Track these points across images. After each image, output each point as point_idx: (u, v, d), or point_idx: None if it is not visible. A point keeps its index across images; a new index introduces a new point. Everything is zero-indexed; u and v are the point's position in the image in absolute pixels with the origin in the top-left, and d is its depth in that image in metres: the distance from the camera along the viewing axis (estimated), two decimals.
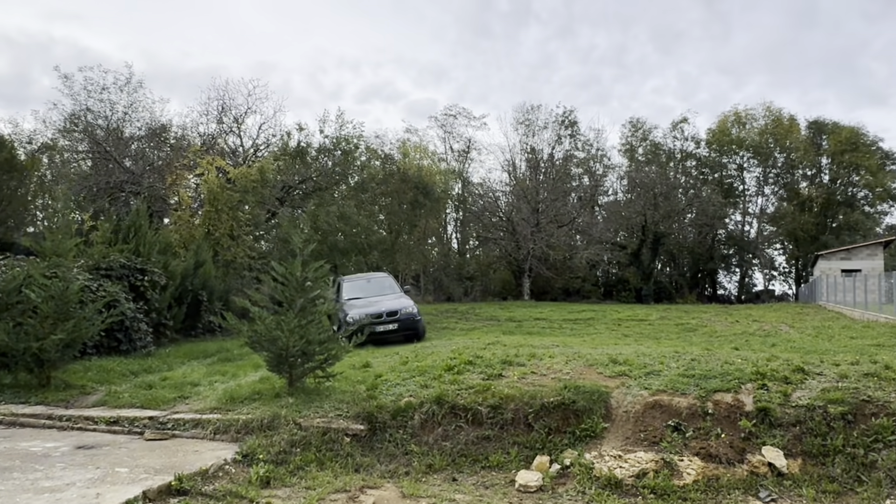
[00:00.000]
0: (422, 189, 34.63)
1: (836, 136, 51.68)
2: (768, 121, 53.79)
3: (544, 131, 45.94)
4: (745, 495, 5.67)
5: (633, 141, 55.24)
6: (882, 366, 7.67)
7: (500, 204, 43.45)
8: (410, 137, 42.40)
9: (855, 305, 26.27)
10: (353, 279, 16.89)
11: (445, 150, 47.20)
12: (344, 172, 30.41)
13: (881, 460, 5.82)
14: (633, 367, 8.12)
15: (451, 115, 46.10)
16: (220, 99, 27.24)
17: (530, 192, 41.39)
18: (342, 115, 29.92)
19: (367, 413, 7.31)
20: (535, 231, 39.02)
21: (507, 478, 6.29)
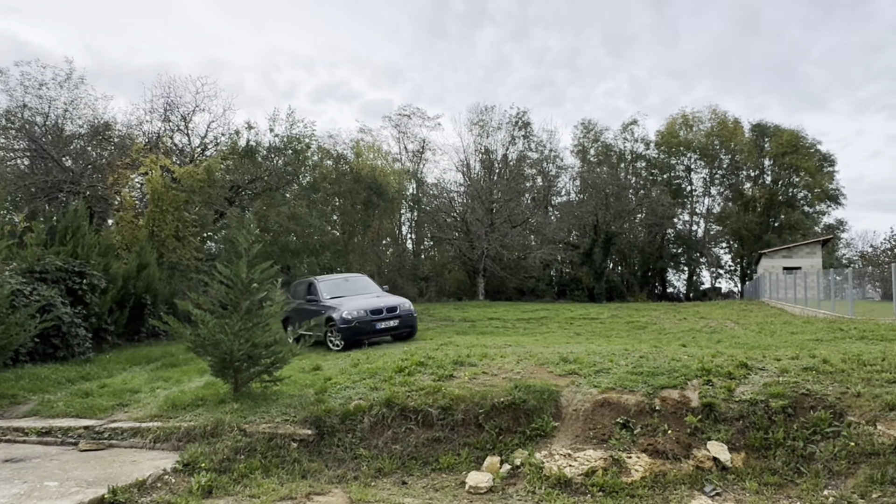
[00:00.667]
0: (375, 189, 34.33)
1: (778, 138, 53.57)
2: (714, 123, 55.37)
3: (498, 132, 46.28)
4: (690, 490, 5.74)
5: (585, 142, 56.08)
6: (820, 360, 7.91)
7: (455, 204, 43.49)
8: (364, 137, 42.06)
9: (796, 302, 27.24)
10: (329, 279, 16.19)
11: (400, 151, 47.06)
12: (295, 172, 29.87)
13: (819, 452, 5.98)
14: (584, 366, 8.16)
15: (405, 115, 45.99)
16: (166, 96, 26.43)
17: (484, 193, 41.57)
18: (293, 114, 29.49)
19: (315, 417, 7.14)
20: (489, 231, 39.20)
21: (458, 479, 6.23)
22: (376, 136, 43.68)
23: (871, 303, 28.91)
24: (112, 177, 20.90)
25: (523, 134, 48.48)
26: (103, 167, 23.05)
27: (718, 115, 55.38)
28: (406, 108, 46.18)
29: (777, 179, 56.00)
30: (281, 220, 25.57)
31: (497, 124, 46.03)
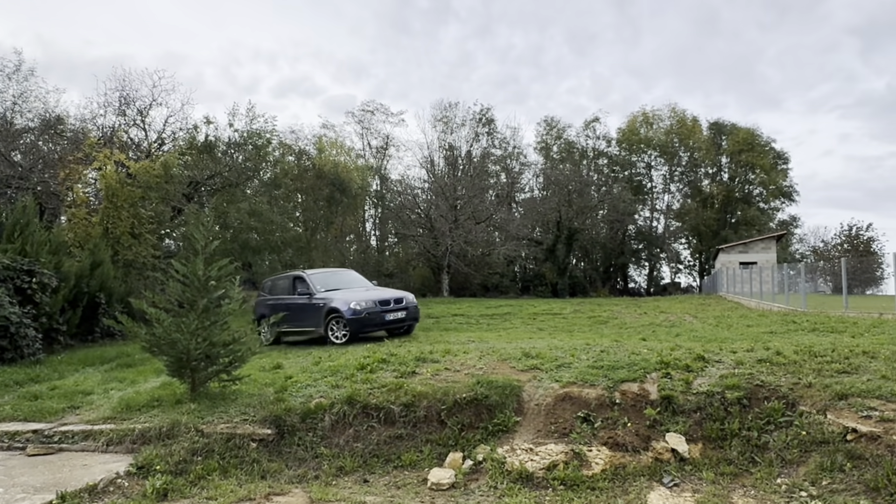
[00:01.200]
0: (338, 185, 33.98)
1: (735, 136, 54.89)
2: (673, 121, 56.43)
3: (462, 128, 46.28)
4: (649, 482, 5.82)
5: (548, 139, 56.53)
6: (774, 352, 8.12)
7: (419, 201, 43.38)
8: (327, 133, 41.59)
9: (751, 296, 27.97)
10: (319, 272, 15.65)
11: (363, 147, 46.71)
12: (256, 168, 29.36)
13: (772, 441, 6.13)
14: (546, 361, 8.21)
15: (368, 110, 45.65)
16: (121, 90, 25.67)
17: (448, 189, 41.54)
18: (253, 109, 28.92)
19: (275, 416, 7.03)
20: (453, 228, 39.20)
21: (420, 476, 6.20)
22: (339, 131, 43.31)
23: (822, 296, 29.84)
24: (64, 172, 20.23)
25: (487, 131, 48.61)
26: (55, 162, 22.29)
27: (678, 113, 56.49)
28: (369, 103, 45.74)
29: (734, 176, 57.39)
30: (241, 216, 25.10)
31: (461, 121, 46.09)
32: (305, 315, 13.75)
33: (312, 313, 13.66)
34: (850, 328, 12.92)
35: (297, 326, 13.91)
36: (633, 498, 5.44)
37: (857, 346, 8.47)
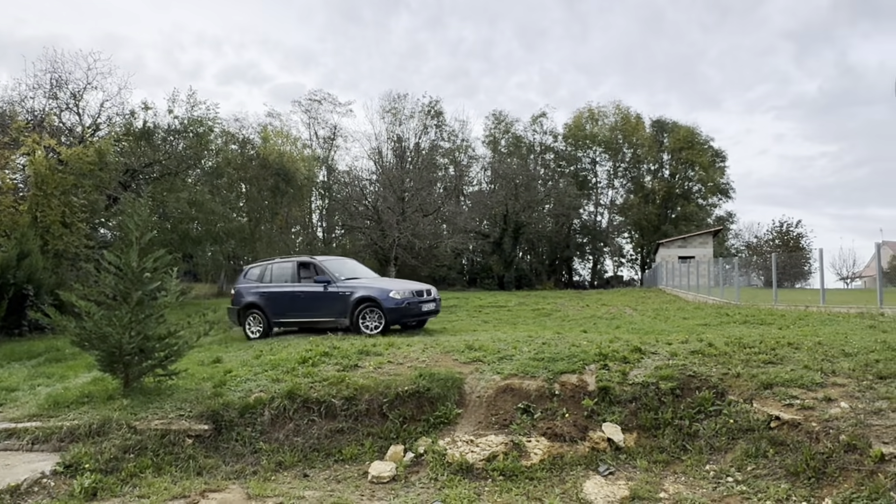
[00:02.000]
0: (283, 175, 33.36)
1: (676, 134, 56.62)
2: (618, 118, 57.76)
3: (411, 120, 46.15)
4: (586, 471, 5.96)
5: (496, 133, 56.99)
6: (706, 344, 8.42)
7: (367, 192, 43.07)
8: (273, 122, 40.78)
9: (689, 289, 28.96)
10: (330, 259, 14.91)
11: (310, 137, 46.05)
12: (197, 156, 28.46)
13: (703, 430, 6.36)
14: (488, 353, 8.30)
15: (315, 100, 45.01)
16: (53, 71, 24.45)
17: (396, 181, 41.39)
18: (194, 95, 28.02)
19: (212, 411, 6.87)
20: (400, 220, 39.10)
21: (361, 470, 6.18)
22: (285, 120, 42.55)
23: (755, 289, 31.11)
24: None
25: (436, 123, 48.65)
26: None
27: (622, 110, 57.83)
28: (317, 92, 45.16)
29: (674, 173, 59.19)
30: (181, 206, 24.35)
31: (410, 112, 45.95)
32: (321, 304, 13.15)
33: (332, 303, 13.08)
34: (778, 320, 13.53)
35: (309, 317, 13.30)
36: (569, 487, 5.57)
37: (783, 338, 8.88)
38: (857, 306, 14.92)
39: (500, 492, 5.51)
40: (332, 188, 44.37)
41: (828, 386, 6.37)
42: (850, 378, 6.52)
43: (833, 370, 6.81)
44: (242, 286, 14.23)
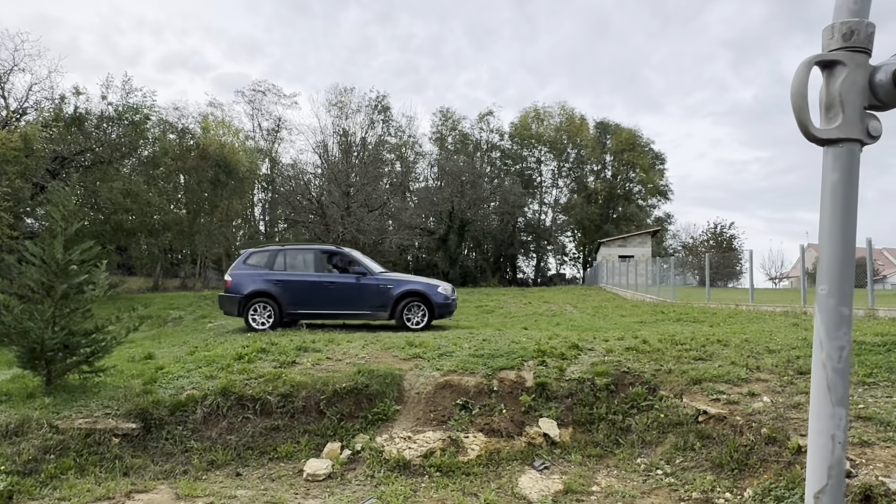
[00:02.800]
0: (224, 167, 32.45)
1: (618, 136, 58.01)
2: (563, 119, 58.73)
3: (357, 114, 45.65)
4: (522, 465, 6.04)
5: (443, 130, 57.07)
6: (641, 341, 8.66)
7: (311, 186, 42.41)
8: (214, 112, 39.59)
9: (628, 287, 29.72)
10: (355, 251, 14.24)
11: (253, 128, 44.92)
12: (132, 145, 27.37)
13: (635, 424, 6.54)
14: (429, 350, 8.30)
15: (259, 91, 43.92)
16: None
17: (342, 176, 40.88)
18: (130, 81, 26.99)
19: (141, 410, 6.62)
20: (345, 215, 38.64)
21: (297, 468, 6.08)
22: (228, 111, 41.52)
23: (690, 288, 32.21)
24: None
25: (383, 118, 48.32)
26: None
27: (567, 110, 58.82)
28: (261, 83, 44.07)
29: (616, 174, 60.66)
30: (114, 196, 23.35)
31: (356, 107, 45.44)
32: (355, 297, 12.61)
33: (370, 296, 12.59)
34: (710, 318, 14.03)
35: (339, 309, 12.69)
36: (505, 482, 5.62)
37: (713, 335, 9.22)
38: (782, 305, 15.63)
39: (436, 488, 5.52)
40: (275, 181, 43.45)
41: (752, 381, 6.64)
42: (773, 374, 6.82)
43: (758, 366, 7.10)
44: (243, 272, 12.89)
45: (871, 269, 14.12)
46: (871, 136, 1.13)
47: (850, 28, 1.11)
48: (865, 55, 1.13)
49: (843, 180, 1.12)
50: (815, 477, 1.10)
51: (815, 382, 1.11)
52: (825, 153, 1.14)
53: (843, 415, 1.09)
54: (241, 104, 45.72)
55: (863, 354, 7.28)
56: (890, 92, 1.10)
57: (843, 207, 1.11)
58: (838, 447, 1.08)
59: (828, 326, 1.10)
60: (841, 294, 1.09)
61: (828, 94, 1.14)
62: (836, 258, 1.10)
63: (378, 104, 46.73)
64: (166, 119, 32.27)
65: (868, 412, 5.33)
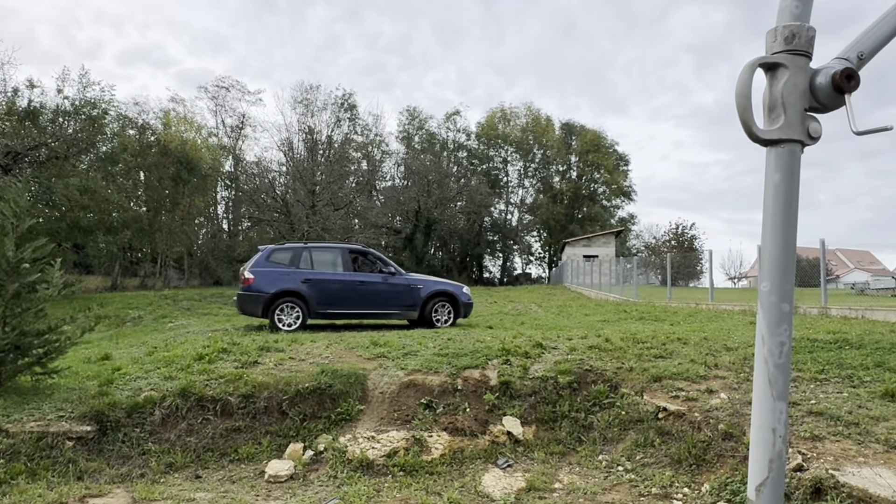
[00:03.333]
0: (186, 164, 31.82)
1: (583, 137, 58.78)
2: (529, 119, 59.26)
3: (323, 112, 45.31)
4: (485, 463, 6.06)
5: (410, 129, 57.04)
6: (603, 339, 8.79)
7: (276, 184, 41.91)
8: (176, 108, 38.76)
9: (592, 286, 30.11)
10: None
11: (217, 125, 44.22)
12: (89, 140, 26.61)
13: (597, 421, 6.63)
14: (393, 349, 8.28)
15: (223, 87, 43.25)
16: None
17: (307, 174, 40.50)
18: (87, 75, 26.22)
19: (96, 412, 6.44)
20: (310, 213, 38.30)
21: (258, 469, 5.99)
22: (190, 107, 40.75)
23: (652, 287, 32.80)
24: None
25: (349, 116, 48.06)
26: None
27: (533, 111, 59.37)
28: (224, 79, 43.49)
29: (581, 175, 61.45)
30: (70, 193, 22.69)
31: (322, 104, 45.10)
32: (385, 296, 12.75)
33: (399, 295, 12.80)
34: (671, 317, 14.31)
35: (369, 308, 12.69)
36: (468, 480, 5.64)
37: (673, 334, 9.41)
38: (741, 304, 16.01)
39: (399, 487, 5.50)
40: (239, 179, 42.81)
41: (710, 378, 6.79)
42: (731, 371, 6.98)
43: (716, 363, 7.26)
44: (267, 270, 12.25)
45: (824, 269, 14.57)
46: (812, 137, 1.16)
47: (792, 32, 1.14)
48: (806, 58, 1.16)
49: (784, 180, 1.15)
50: (757, 470, 1.13)
51: (758, 377, 1.14)
52: (768, 153, 1.17)
53: (783, 409, 1.12)
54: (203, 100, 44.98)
55: (815, 352, 7.51)
56: (829, 95, 1.13)
57: (785, 207, 1.14)
58: (779, 440, 1.11)
59: (769, 323, 1.12)
60: (782, 291, 1.12)
61: (770, 96, 1.17)
62: (778, 256, 1.13)
63: (344, 102, 46.48)
64: (126, 114, 31.51)
65: (819, 407, 5.50)
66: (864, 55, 1.17)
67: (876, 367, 6.66)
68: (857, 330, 9.24)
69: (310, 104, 44.54)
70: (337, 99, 45.87)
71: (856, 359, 6.98)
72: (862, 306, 12.81)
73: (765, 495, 1.12)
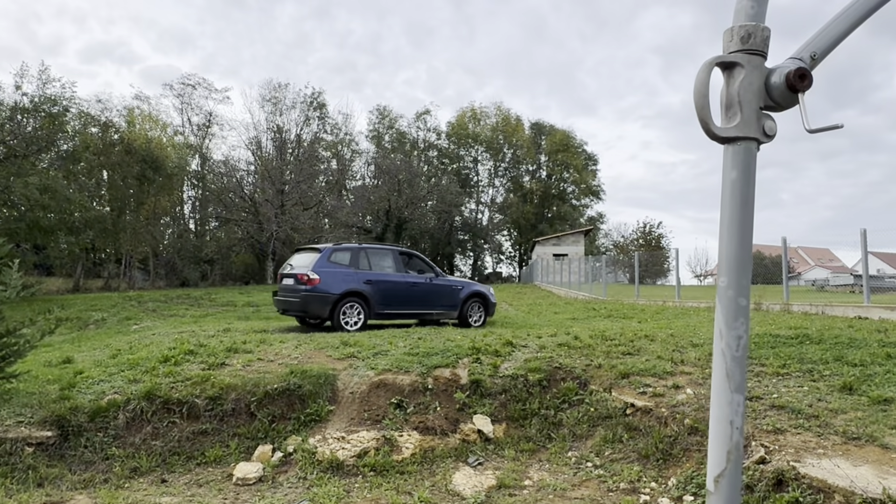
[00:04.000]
0: (151, 163, 31.15)
1: (552, 137, 59.26)
2: (499, 119, 59.51)
3: (292, 111, 44.79)
4: (456, 462, 6.07)
5: (380, 128, 56.84)
6: (573, 337, 8.87)
7: (244, 184, 41.34)
8: (141, 105, 37.86)
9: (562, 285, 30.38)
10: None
11: (183, 123, 43.36)
12: (49, 138, 25.88)
13: (566, 418, 6.69)
14: (363, 349, 8.24)
15: (189, 84, 42.37)
16: None
17: (275, 173, 40.05)
18: (47, 71, 25.49)
19: (57, 417, 6.28)
20: (279, 213, 37.89)
21: (226, 472, 5.91)
22: (155, 104, 39.92)
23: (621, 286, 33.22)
24: None
25: (318, 115, 47.60)
26: None
27: (503, 111, 59.65)
28: (190, 76, 42.68)
29: (551, 174, 61.96)
30: (30, 192, 22.04)
31: (291, 103, 44.57)
32: (433, 297, 13.16)
33: (442, 296, 13.28)
34: (638, 314, 14.52)
35: (420, 308, 13.09)
36: (439, 479, 5.64)
37: (641, 331, 9.54)
38: (706, 301, 16.32)
39: (370, 487, 5.48)
40: (206, 178, 42.09)
41: (677, 374, 6.91)
42: (696, 367, 7.11)
43: (682, 360, 7.40)
44: (331, 270, 12.12)
45: (786, 266, 14.94)
46: (767, 135, 1.19)
47: (748, 31, 1.17)
48: (761, 58, 1.18)
49: (741, 177, 1.17)
50: (716, 461, 1.15)
51: (716, 371, 1.16)
52: (725, 151, 1.19)
53: (740, 401, 1.14)
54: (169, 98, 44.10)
55: (777, 347, 7.70)
56: (784, 93, 1.16)
57: (741, 204, 1.16)
58: (736, 432, 1.13)
59: (727, 317, 1.15)
60: (739, 286, 1.15)
61: (727, 95, 1.20)
62: (735, 252, 1.16)
63: (313, 101, 46.01)
64: (88, 112, 30.69)
65: (781, 401, 5.64)
66: (817, 55, 1.21)
67: (835, 361, 6.85)
68: (818, 325, 9.50)
69: (278, 102, 44.03)
70: (306, 97, 45.44)
71: (816, 353, 7.18)
72: (822, 302, 13.16)
73: (723, 486, 1.14)
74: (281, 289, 12.53)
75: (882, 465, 4.30)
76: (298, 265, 12.36)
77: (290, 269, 12.45)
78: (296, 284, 11.90)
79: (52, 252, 27.63)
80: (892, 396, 5.52)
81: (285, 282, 12.36)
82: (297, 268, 12.21)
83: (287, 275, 12.34)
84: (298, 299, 11.81)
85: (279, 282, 12.79)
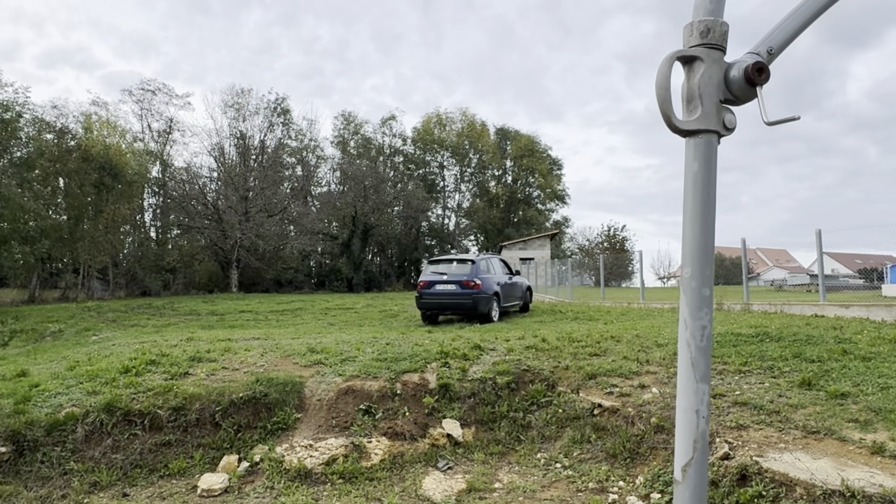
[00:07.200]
0: (109, 170, 30.36)
1: (518, 142, 59.69)
2: (465, 125, 59.70)
3: (255, 117, 44.25)
4: (426, 467, 6.04)
5: (345, 134, 56.45)
6: (540, 339, 8.93)
7: (206, 191, 40.66)
8: (98, 111, 36.82)
9: None
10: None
11: (143, 129, 42.42)
12: (2, 145, 25.07)
13: (535, 420, 6.72)
14: (331, 355, 8.15)
15: (149, 90, 41.46)
16: None
17: (239, 179, 39.52)
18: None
19: (12, 431, 6.05)
20: (243, 220, 37.38)
21: (190, 484, 5.77)
22: (113, 110, 38.67)
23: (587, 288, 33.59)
24: None
25: (283, 121, 47.13)
26: None
27: (468, 116, 59.86)
28: (150, 82, 41.53)
29: (517, 179, 62.37)
30: None
31: (254, 109, 44.03)
32: (515, 291, 17.33)
33: (519, 290, 17.76)
34: (604, 316, 14.69)
35: (511, 301, 17.06)
36: (409, 484, 5.60)
37: (607, 332, 9.66)
38: (670, 302, 16.61)
39: (339, 495, 5.41)
40: (167, 185, 41.26)
41: (643, 374, 7.00)
42: (661, 366, 7.22)
43: (647, 360, 7.50)
44: (484, 276, 15.54)
45: (745, 267, 15.29)
46: (727, 128, 1.21)
47: (707, 26, 1.19)
48: (721, 52, 1.21)
49: (702, 170, 1.19)
50: (683, 451, 1.16)
51: (681, 361, 1.17)
52: (687, 144, 1.21)
53: (705, 391, 1.16)
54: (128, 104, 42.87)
55: (739, 345, 7.87)
56: (742, 87, 1.18)
57: (704, 195, 1.18)
58: (702, 421, 1.15)
59: (691, 307, 1.16)
60: (702, 277, 1.16)
61: (688, 88, 1.21)
62: (698, 243, 1.17)
63: (277, 106, 45.56)
64: (42, 118, 29.80)
65: (743, 398, 5.76)
66: (774, 50, 1.23)
67: (794, 357, 7.03)
68: (777, 324, 9.74)
69: (241, 108, 43.46)
70: (270, 103, 44.94)
71: (776, 351, 7.36)
72: (780, 302, 13.51)
73: (690, 475, 1.15)
74: (435, 293, 15.41)
75: (840, 458, 4.41)
76: (454, 274, 15.43)
77: (445, 277, 15.40)
78: (461, 289, 15.04)
79: (6, 262, 26.76)
80: (848, 391, 5.68)
81: (441, 287, 15.29)
82: (456, 276, 15.32)
83: (444, 281, 15.32)
84: (470, 301, 14.94)
85: (424, 288, 15.61)
